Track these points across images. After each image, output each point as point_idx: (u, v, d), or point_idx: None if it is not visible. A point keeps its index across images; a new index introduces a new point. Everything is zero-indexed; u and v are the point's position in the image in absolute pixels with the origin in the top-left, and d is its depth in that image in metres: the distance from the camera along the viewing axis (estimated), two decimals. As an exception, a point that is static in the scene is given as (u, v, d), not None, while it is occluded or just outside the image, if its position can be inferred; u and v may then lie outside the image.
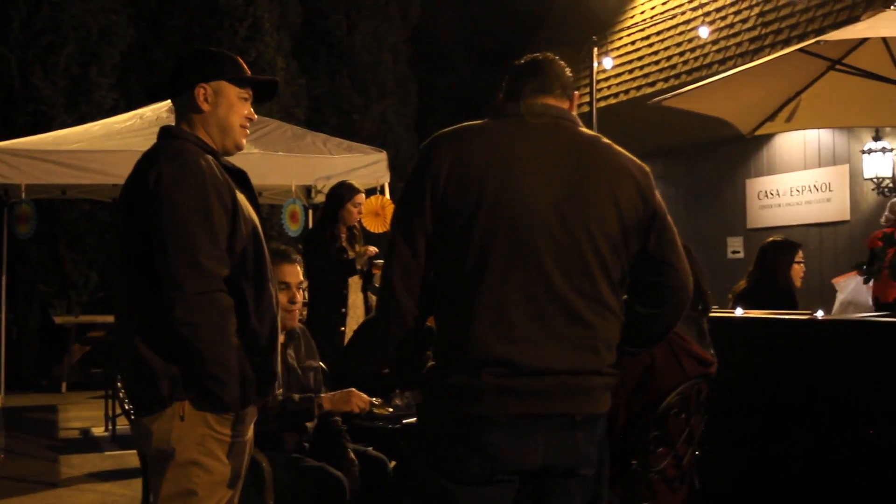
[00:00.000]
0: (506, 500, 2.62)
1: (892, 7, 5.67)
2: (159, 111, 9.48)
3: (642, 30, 12.82)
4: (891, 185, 9.48)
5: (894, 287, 5.90)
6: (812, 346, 4.51)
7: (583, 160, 2.68)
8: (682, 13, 12.17)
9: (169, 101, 7.24)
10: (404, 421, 4.40)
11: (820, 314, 4.76)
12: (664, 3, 12.90)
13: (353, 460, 4.22)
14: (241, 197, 3.02)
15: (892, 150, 9.38)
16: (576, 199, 2.62)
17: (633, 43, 13.05)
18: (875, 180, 9.57)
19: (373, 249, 6.51)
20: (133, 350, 2.90)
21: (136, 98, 13.02)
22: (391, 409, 4.44)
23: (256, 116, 3.27)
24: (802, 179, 10.90)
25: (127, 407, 4.22)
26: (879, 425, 4.12)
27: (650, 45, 12.61)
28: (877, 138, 9.47)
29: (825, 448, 4.33)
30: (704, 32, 9.92)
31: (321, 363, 4.54)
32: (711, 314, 4.95)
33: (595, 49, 7.61)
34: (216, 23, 13.82)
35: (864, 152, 9.62)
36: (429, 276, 2.66)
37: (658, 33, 12.55)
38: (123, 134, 8.93)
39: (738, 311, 5.44)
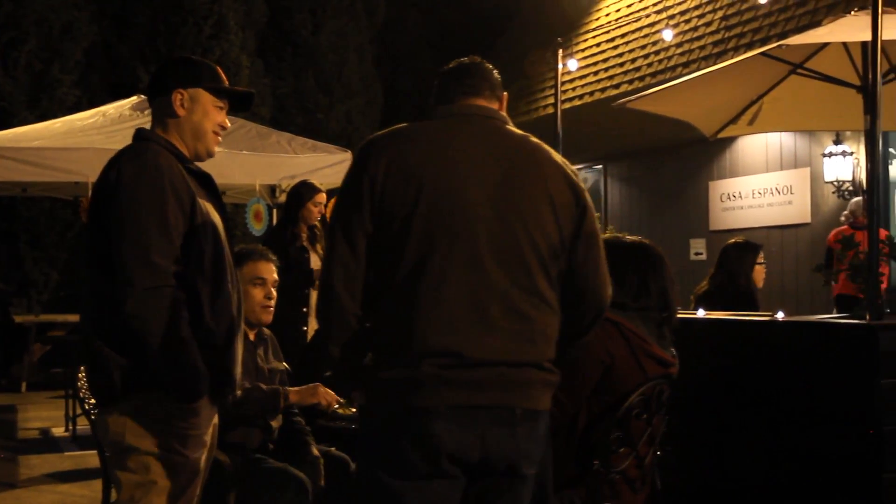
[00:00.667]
0: (452, 499, 2.63)
1: (852, 12, 5.73)
2: (122, 108, 9.40)
3: (607, 32, 12.88)
4: (851, 188, 9.59)
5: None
6: (772, 346, 4.55)
7: (516, 158, 2.75)
8: (647, 16, 12.25)
9: (132, 98, 7.35)
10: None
11: (780, 315, 4.80)
12: (629, 6, 12.97)
13: (318, 456, 4.23)
14: (203, 200, 3.11)
15: (852, 153, 9.49)
16: (511, 195, 2.68)
17: (598, 45, 13.11)
18: (835, 183, 9.68)
19: None
20: (90, 344, 3.00)
21: (99, 95, 12.92)
22: (354, 410, 4.45)
23: (229, 125, 3.37)
24: (764, 182, 11.00)
25: (87, 406, 4.21)
26: (840, 426, 4.16)
27: (615, 48, 12.67)
28: (837, 142, 9.58)
29: (786, 448, 4.37)
30: (668, 35, 9.98)
31: (285, 364, 4.55)
32: (673, 315, 4.97)
33: (560, 51, 7.62)
34: (180, 20, 13.74)
35: (824, 156, 9.73)
36: (369, 276, 2.69)
37: (623, 35, 12.62)
38: (86, 131, 8.84)
39: (700, 313, 5.48)
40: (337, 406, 4.44)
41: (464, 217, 2.63)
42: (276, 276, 4.37)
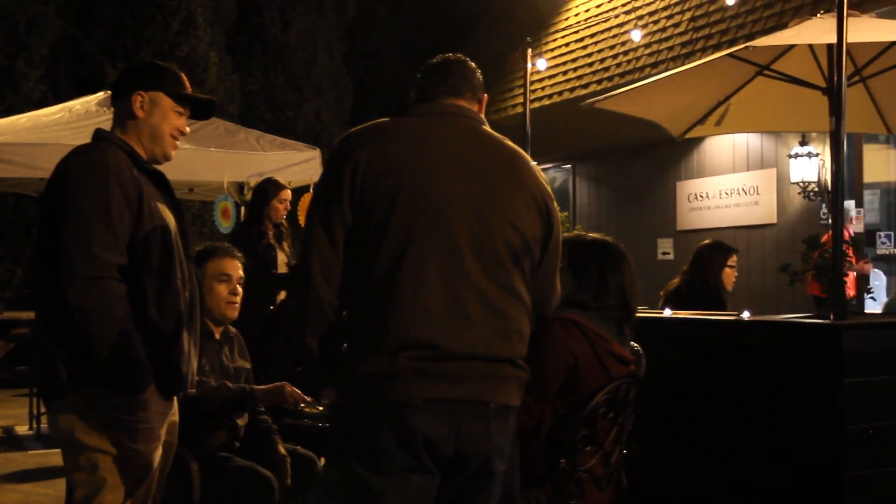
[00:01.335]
0: (428, 495, 2.63)
1: (818, 15, 5.77)
2: (88, 104, 9.32)
3: (576, 32, 12.92)
4: (816, 188, 9.67)
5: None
6: (738, 346, 4.58)
7: (495, 159, 2.78)
8: (616, 16, 12.29)
9: (99, 94, 7.30)
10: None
11: (746, 315, 4.83)
12: (598, 6, 13.01)
13: (285, 455, 4.22)
14: (155, 198, 3.15)
15: (817, 154, 9.57)
16: (490, 194, 2.71)
17: (567, 45, 13.14)
18: (801, 184, 9.76)
19: None
20: (39, 339, 3.05)
21: (65, 91, 12.79)
22: (321, 408, 4.44)
23: (188, 131, 3.41)
24: (731, 182, 11.07)
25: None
26: (804, 424, 4.20)
27: (584, 48, 12.71)
28: (803, 143, 9.66)
29: (751, 447, 4.40)
30: (637, 36, 10.02)
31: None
32: (642, 314, 5.00)
33: (529, 50, 7.64)
34: (148, 16, 13.63)
35: (790, 157, 9.81)
36: (347, 269, 2.69)
37: (592, 36, 12.65)
38: (51, 127, 8.75)
39: (667, 312, 5.51)
40: (303, 405, 4.43)
41: (443, 213, 2.65)
42: (241, 272, 4.37)
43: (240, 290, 4.36)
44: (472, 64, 2.98)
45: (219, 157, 8.83)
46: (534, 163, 2.92)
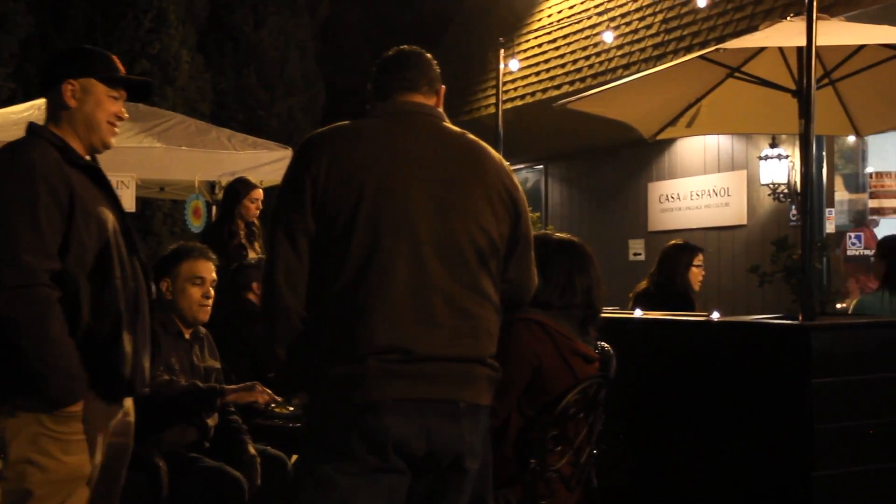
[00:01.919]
0: (399, 494, 2.63)
1: (788, 18, 5.82)
2: (58, 102, 9.24)
3: (549, 33, 12.93)
4: (786, 190, 9.73)
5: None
6: (707, 346, 4.60)
7: (456, 157, 2.78)
8: (589, 18, 12.32)
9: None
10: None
11: (715, 315, 4.86)
12: (571, 8, 13.03)
13: (254, 455, 4.21)
14: (90, 194, 2.99)
15: (787, 156, 9.63)
16: (453, 194, 2.71)
17: (539, 45, 13.16)
18: (771, 186, 9.81)
19: None
20: None
21: (35, 88, 12.66)
22: (291, 409, 4.43)
23: (127, 115, 3.26)
24: (702, 184, 11.12)
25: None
26: (773, 424, 4.22)
27: (556, 49, 12.73)
28: (773, 145, 9.71)
29: (720, 446, 4.42)
30: (609, 37, 10.05)
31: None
32: (612, 315, 5.02)
33: (502, 51, 7.65)
34: (119, 14, 13.51)
35: (761, 158, 9.86)
36: (312, 275, 2.68)
37: (565, 37, 12.68)
38: (21, 125, 8.61)
39: (637, 312, 5.53)
40: (274, 405, 4.42)
41: (406, 216, 2.65)
42: (214, 275, 4.35)
43: (212, 292, 4.33)
44: (428, 55, 2.95)
45: (190, 156, 8.78)
46: (496, 154, 2.89)
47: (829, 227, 9.30)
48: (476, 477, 2.76)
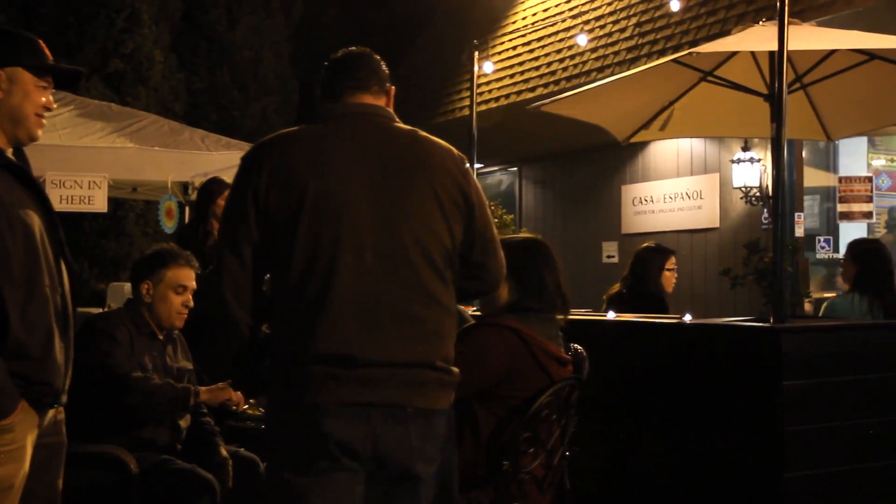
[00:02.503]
0: (354, 491, 2.65)
1: (760, 23, 5.86)
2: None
3: (523, 35, 12.96)
4: (758, 193, 9.80)
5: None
6: (680, 348, 4.63)
7: (403, 159, 2.76)
8: (563, 21, 12.36)
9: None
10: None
11: (688, 318, 4.88)
12: (545, 10, 13.07)
13: (227, 457, 4.20)
14: (12, 197, 2.79)
15: (759, 160, 9.69)
16: (397, 198, 2.70)
17: (514, 48, 13.18)
18: (743, 189, 9.88)
19: None
20: None
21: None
22: (262, 410, 4.42)
23: (55, 105, 3.07)
24: (675, 187, 11.18)
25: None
26: (744, 426, 4.25)
27: (531, 51, 12.76)
28: (745, 148, 9.78)
29: (692, 448, 4.44)
30: (583, 40, 10.07)
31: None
32: (585, 317, 5.04)
33: (476, 53, 7.65)
34: (92, 13, 13.42)
35: (733, 162, 9.92)
36: (259, 284, 2.71)
37: (539, 39, 12.71)
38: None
39: (611, 315, 5.55)
40: (246, 406, 4.41)
41: (348, 223, 2.64)
42: (195, 283, 4.32)
43: (192, 302, 4.31)
44: (377, 56, 2.94)
45: (163, 157, 8.73)
46: (448, 150, 2.85)
47: (798, 231, 9.37)
48: (436, 481, 2.76)
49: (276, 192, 2.65)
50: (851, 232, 9.02)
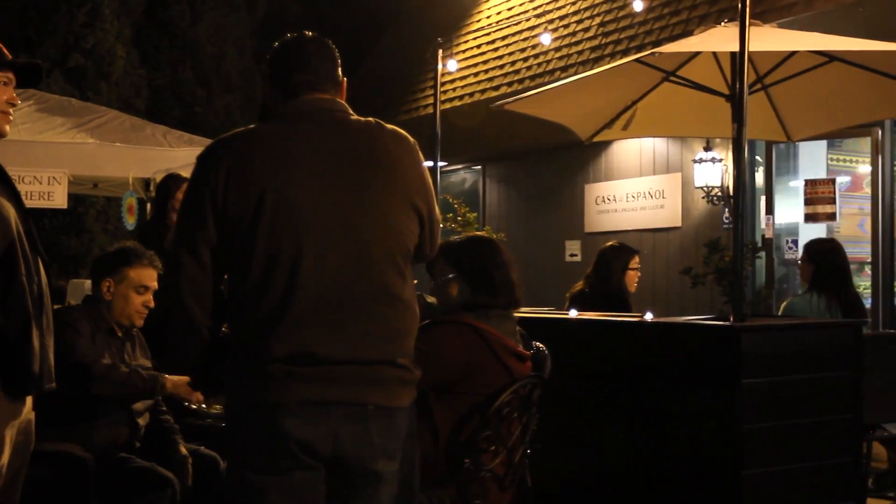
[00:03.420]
0: (315, 489, 2.65)
1: (722, 24, 5.90)
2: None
3: (488, 34, 12.98)
4: (719, 193, 9.86)
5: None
6: (641, 346, 4.65)
7: (359, 152, 2.74)
8: (527, 20, 12.38)
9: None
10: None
11: (649, 316, 4.91)
12: (510, 9, 13.09)
13: (186, 455, 4.17)
14: None
15: (721, 160, 9.76)
16: (358, 194, 2.69)
17: (478, 46, 13.20)
18: (705, 188, 9.94)
19: None
20: None
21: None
22: (220, 407, 4.40)
23: (19, 101, 3.09)
24: (638, 186, 11.23)
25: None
26: (704, 424, 4.28)
27: (495, 50, 12.78)
28: (707, 148, 9.84)
29: (653, 445, 4.47)
30: (546, 40, 10.09)
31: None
32: (548, 315, 5.06)
33: (440, 51, 7.65)
34: (52, 7, 13.29)
35: (695, 161, 9.98)
36: (217, 285, 2.69)
37: (503, 38, 12.73)
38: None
39: (573, 313, 5.58)
40: (205, 406, 4.39)
41: (308, 222, 2.63)
42: (156, 284, 4.29)
43: (152, 302, 4.28)
44: (330, 43, 2.88)
45: (124, 153, 8.65)
46: (405, 140, 2.83)
47: (768, 233, 9.45)
48: (398, 479, 2.76)
49: (234, 193, 2.63)
50: (812, 233, 9.10)
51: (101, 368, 3.97)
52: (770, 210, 9.49)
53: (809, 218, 9.11)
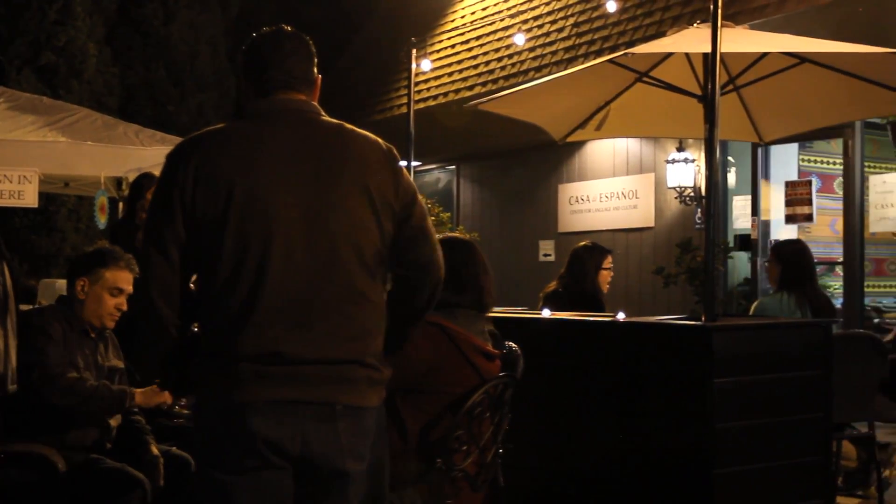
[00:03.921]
0: (283, 489, 2.64)
1: (695, 25, 5.92)
2: (-42, 94, 8.98)
3: (462, 34, 12.99)
4: (692, 193, 9.92)
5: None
6: (613, 346, 4.67)
7: (332, 155, 2.72)
8: (501, 20, 12.41)
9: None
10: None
11: (621, 316, 4.93)
12: (484, 9, 13.11)
13: (158, 455, 4.15)
14: None
15: (693, 160, 9.81)
16: (327, 194, 2.67)
17: (452, 46, 13.21)
18: (678, 189, 9.99)
19: None
20: None
21: (-66, 80, 12.30)
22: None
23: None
24: (611, 186, 11.27)
25: None
26: (676, 423, 4.30)
27: (469, 50, 12.79)
28: (680, 149, 9.89)
29: (625, 445, 4.49)
30: (520, 40, 10.12)
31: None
32: (520, 315, 5.06)
33: (414, 51, 7.65)
34: (24, 4, 13.16)
35: (668, 162, 10.03)
36: (186, 283, 2.68)
37: (477, 38, 12.74)
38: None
39: (546, 312, 5.59)
40: (177, 407, 4.37)
41: (276, 221, 2.62)
42: (132, 288, 4.26)
43: (125, 305, 4.25)
44: (307, 39, 2.85)
45: (96, 152, 8.59)
46: (377, 143, 2.81)
47: (754, 234, 9.53)
48: (367, 478, 2.76)
49: (203, 191, 2.61)
50: (784, 234, 9.17)
51: (67, 381, 3.93)
52: (755, 211, 9.55)
53: (790, 219, 9.18)
